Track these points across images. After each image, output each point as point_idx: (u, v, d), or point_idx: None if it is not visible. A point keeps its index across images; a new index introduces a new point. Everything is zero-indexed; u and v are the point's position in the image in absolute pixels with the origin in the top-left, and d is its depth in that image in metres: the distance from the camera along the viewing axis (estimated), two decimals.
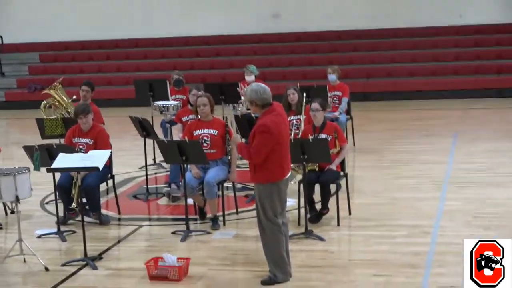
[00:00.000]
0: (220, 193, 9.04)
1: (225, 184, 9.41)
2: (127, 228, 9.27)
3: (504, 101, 19.30)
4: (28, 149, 8.66)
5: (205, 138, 8.99)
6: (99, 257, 8.01)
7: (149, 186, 10.83)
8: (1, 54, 24.77)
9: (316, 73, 19.69)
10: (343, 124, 12.65)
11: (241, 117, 10.32)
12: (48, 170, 7.95)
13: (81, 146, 9.21)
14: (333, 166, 8.89)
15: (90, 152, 8.09)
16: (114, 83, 22.76)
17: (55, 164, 7.81)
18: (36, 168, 8.47)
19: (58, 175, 8.85)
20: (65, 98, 11.45)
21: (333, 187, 8.99)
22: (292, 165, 7.64)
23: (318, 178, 8.78)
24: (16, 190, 7.94)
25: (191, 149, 8.43)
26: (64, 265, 7.79)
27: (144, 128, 10.52)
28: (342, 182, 9.34)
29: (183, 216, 8.80)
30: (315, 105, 9.18)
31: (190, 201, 9.13)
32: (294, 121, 10.34)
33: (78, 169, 7.93)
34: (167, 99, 12.13)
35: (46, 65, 24.43)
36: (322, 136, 8.98)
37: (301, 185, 8.63)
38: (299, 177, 8.95)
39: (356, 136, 13.68)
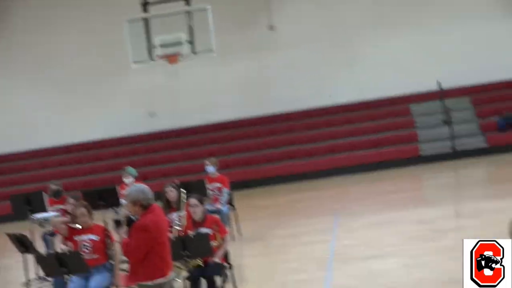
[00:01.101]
0: None
1: None
2: None
3: (381, 173, 19.95)
4: None
5: (85, 244, 8.88)
6: None
7: None
8: None
9: (196, 167, 19.79)
10: (226, 215, 12.75)
11: (122, 221, 10.22)
12: None
13: None
14: (217, 259, 8.91)
15: None
16: None
17: None
18: None
19: None
20: None
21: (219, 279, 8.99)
22: (176, 262, 7.62)
23: (203, 273, 8.77)
24: None
25: (71, 259, 8.29)
26: None
27: (23, 244, 10.28)
28: (229, 272, 9.37)
29: None
30: (192, 200, 9.25)
31: None
32: (176, 218, 10.34)
33: None
34: (46, 211, 11.93)
35: None
36: (203, 230, 9.01)
37: (187, 282, 8.59)
38: (185, 273, 8.91)
39: (242, 225, 13.79)
